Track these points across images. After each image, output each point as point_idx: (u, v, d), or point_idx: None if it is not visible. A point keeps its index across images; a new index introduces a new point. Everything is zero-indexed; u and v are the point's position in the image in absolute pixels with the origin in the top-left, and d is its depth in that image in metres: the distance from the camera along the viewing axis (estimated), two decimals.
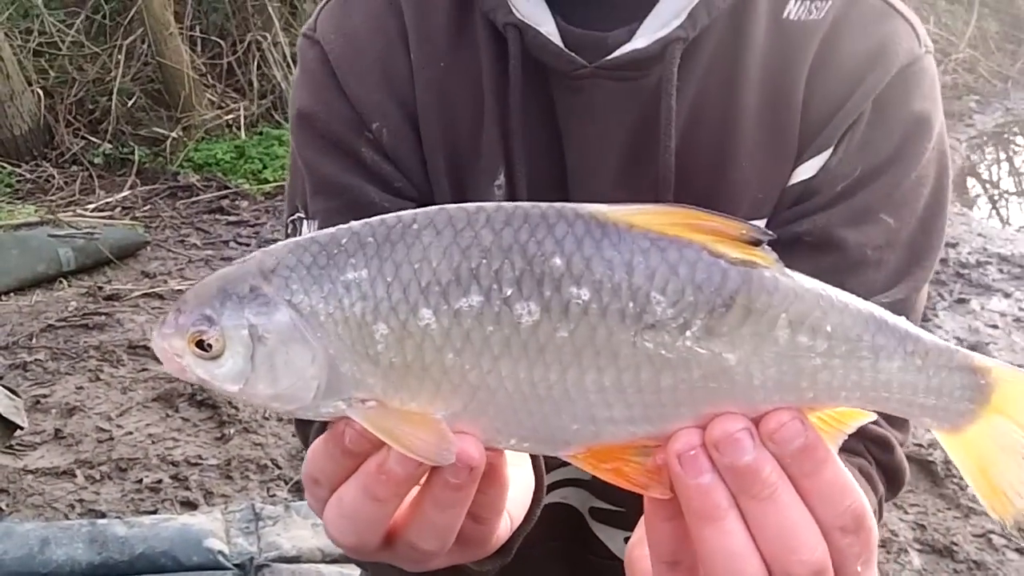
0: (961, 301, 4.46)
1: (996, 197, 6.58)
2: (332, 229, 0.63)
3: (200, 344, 0.63)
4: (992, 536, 2.73)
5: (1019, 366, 0.64)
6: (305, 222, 0.99)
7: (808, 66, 0.94)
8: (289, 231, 1.02)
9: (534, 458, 0.81)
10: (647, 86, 0.92)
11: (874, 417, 0.65)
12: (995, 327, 4.24)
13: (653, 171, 0.92)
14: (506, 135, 0.94)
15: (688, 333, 0.60)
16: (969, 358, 0.63)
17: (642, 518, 0.67)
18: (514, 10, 0.92)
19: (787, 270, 0.62)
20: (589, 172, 0.94)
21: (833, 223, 0.93)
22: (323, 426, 0.67)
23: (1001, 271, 4.81)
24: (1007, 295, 4.56)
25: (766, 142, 0.94)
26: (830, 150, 0.94)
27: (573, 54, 0.91)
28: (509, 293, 0.60)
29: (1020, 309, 4.41)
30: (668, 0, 0.91)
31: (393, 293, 0.61)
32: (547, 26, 0.92)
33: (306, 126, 0.99)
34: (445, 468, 0.62)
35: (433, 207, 0.63)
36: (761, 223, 0.94)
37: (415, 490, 0.65)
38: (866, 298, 0.93)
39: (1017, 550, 2.69)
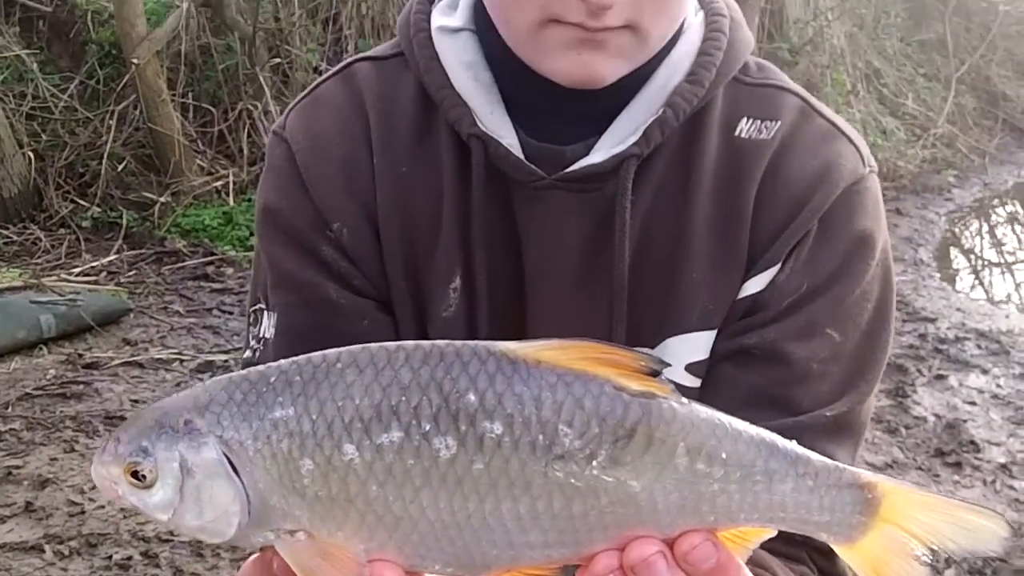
0: (939, 377, 4.49)
1: (975, 272, 6.64)
2: (262, 367, 0.67)
3: (135, 474, 0.67)
4: None
5: (997, 444, 0.70)
6: (265, 313, 1.04)
7: (758, 183, 0.98)
8: (251, 320, 1.06)
9: None
10: (603, 198, 0.96)
11: (775, 533, 0.70)
12: (973, 404, 4.26)
13: (608, 279, 0.97)
14: (465, 240, 0.99)
15: (595, 463, 0.65)
16: (857, 475, 0.69)
17: None
18: (478, 122, 0.96)
19: (683, 399, 0.67)
20: (546, 278, 0.99)
21: (780, 337, 0.97)
22: None
23: (979, 347, 4.84)
24: (985, 371, 4.59)
25: (717, 255, 0.98)
26: (778, 266, 0.98)
27: (533, 166, 0.96)
28: (428, 428, 0.64)
29: (998, 386, 4.43)
30: (624, 118, 0.97)
31: (318, 430, 0.65)
32: (509, 138, 0.97)
33: (270, 221, 1.03)
34: None
35: (356, 346, 0.67)
36: (712, 334, 0.99)
37: None
38: (812, 410, 0.97)
39: None
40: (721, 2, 1.03)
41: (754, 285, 0.98)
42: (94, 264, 5.11)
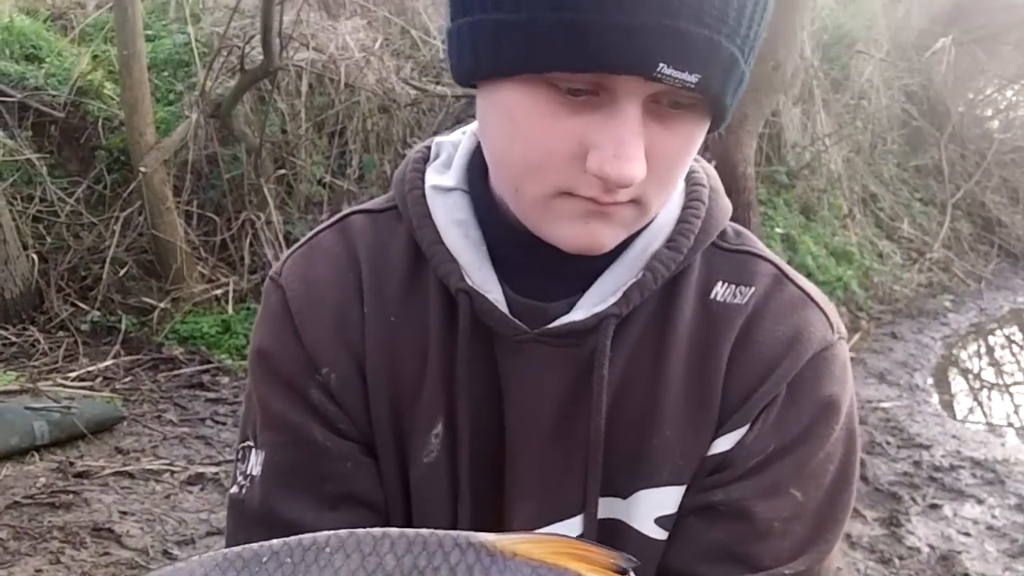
0: (934, 507, 4.46)
1: (971, 398, 6.63)
2: (255, 546, 0.70)
3: None
4: None
5: None
6: (253, 451, 1.07)
7: (730, 346, 1.02)
8: (239, 457, 1.09)
9: None
10: (582, 354, 1.00)
11: None
12: (968, 535, 4.23)
13: (585, 432, 1.00)
14: (449, 389, 1.02)
15: None
16: None
17: None
18: (466, 277, 1.00)
19: None
20: (525, 428, 1.02)
21: (745, 496, 1.00)
22: None
23: (975, 476, 4.83)
24: (980, 501, 4.56)
25: (689, 413, 1.02)
26: (747, 427, 1.01)
27: (517, 320, 0.99)
28: None
29: (993, 517, 4.40)
30: (606, 279, 1.00)
31: None
32: (495, 294, 1.00)
33: (262, 363, 1.06)
34: None
35: (344, 531, 0.70)
36: (681, 489, 1.02)
37: None
38: (772, 567, 0.99)
39: None
40: (701, 172, 1.07)
41: (723, 444, 1.02)
42: (91, 369, 5.12)
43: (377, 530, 0.70)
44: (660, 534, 1.02)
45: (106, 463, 4.09)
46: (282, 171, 6.49)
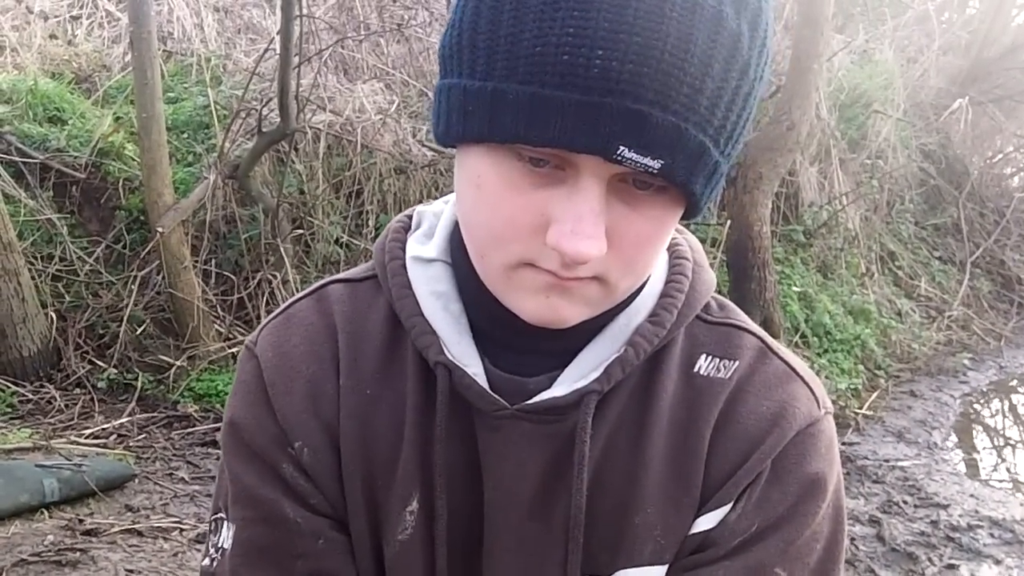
0: (951, 567, 4.40)
1: (990, 457, 6.54)
2: None
3: None
4: None
5: None
6: (225, 523, 1.05)
7: (714, 421, 1.00)
8: (211, 528, 1.08)
9: None
10: (563, 430, 0.98)
11: None
12: None
13: (565, 508, 0.98)
14: (425, 464, 1.00)
15: None
16: None
17: None
18: (445, 350, 0.99)
19: None
20: (504, 504, 1.00)
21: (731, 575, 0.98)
22: None
23: (992, 535, 4.76)
24: (998, 562, 4.49)
25: (671, 491, 1.00)
26: (730, 505, 0.99)
27: (496, 396, 0.98)
28: None
29: None
30: (587, 354, 0.99)
31: None
32: (474, 368, 0.99)
33: (235, 435, 1.04)
34: None
35: None
36: (663, 569, 1.00)
37: None
38: None
39: None
40: (685, 245, 1.06)
41: (705, 522, 0.99)
42: (105, 426, 5.13)
43: None
44: None
45: (115, 520, 4.09)
46: (299, 231, 6.54)
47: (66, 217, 6.25)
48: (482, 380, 0.99)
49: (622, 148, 0.77)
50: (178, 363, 5.80)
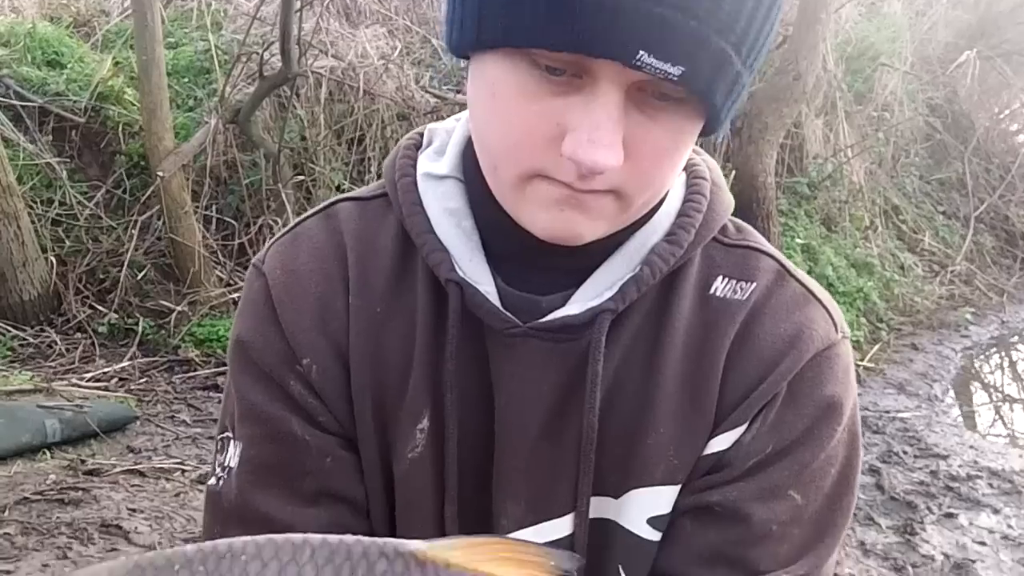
0: (949, 515, 4.42)
1: (989, 409, 6.57)
2: (169, 552, 0.66)
3: None
4: None
5: None
6: (232, 442, 1.03)
7: (729, 342, 0.98)
8: (218, 447, 1.06)
9: None
10: (576, 349, 0.96)
11: None
12: (983, 544, 4.18)
13: (577, 429, 0.96)
14: (436, 382, 0.98)
15: None
16: None
17: None
18: (457, 267, 0.97)
19: None
20: (516, 425, 0.98)
21: (742, 497, 0.97)
22: None
23: (991, 486, 4.77)
24: (996, 511, 4.51)
25: (685, 411, 0.98)
26: (744, 426, 0.98)
27: (508, 314, 0.96)
28: None
29: (1009, 527, 4.35)
30: (602, 273, 0.97)
31: None
32: (486, 285, 0.97)
33: (242, 353, 1.03)
34: None
35: (263, 537, 0.66)
36: (675, 489, 0.99)
37: None
38: (769, 572, 0.95)
39: None
40: (703, 165, 1.04)
41: (720, 443, 0.98)
42: (106, 370, 5.13)
43: (298, 536, 0.66)
44: (653, 535, 0.99)
45: (117, 461, 4.10)
46: (301, 177, 6.50)
47: (65, 162, 6.22)
48: (494, 298, 0.97)
49: (642, 53, 0.74)
50: (179, 308, 5.79)
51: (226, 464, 1.03)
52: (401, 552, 0.64)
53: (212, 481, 1.04)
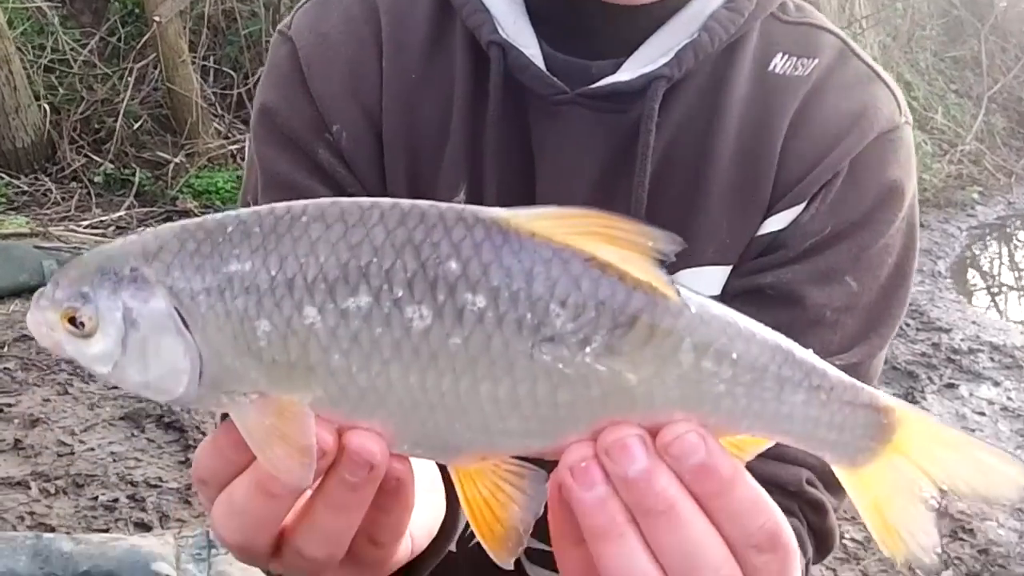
0: (950, 386, 4.45)
1: (992, 287, 6.58)
2: (220, 215, 0.60)
3: (73, 321, 0.60)
4: None
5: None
6: None
7: (788, 120, 0.93)
8: None
9: (449, 489, 0.77)
10: (626, 120, 0.90)
11: (772, 443, 0.62)
12: (982, 414, 4.22)
13: (624, 206, 0.90)
14: (474, 152, 0.92)
15: (588, 349, 0.57)
16: (874, 397, 0.61)
17: None
18: (499, 28, 0.90)
19: (692, 293, 0.59)
20: (558, 199, 0.92)
21: (797, 279, 0.92)
22: None
23: (992, 359, 4.79)
24: (996, 383, 4.55)
25: (738, 189, 0.93)
26: (803, 205, 0.93)
27: (555, 79, 0.90)
28: (400, 295, 0.57)
29: (1008, 399, 4.39)
30: (656, 38, 0.91)
31: (277, 288, 0.57)
32: (531, 49, 0.91)
33: (267, 121, 0.97)
34: (342, 464, 0.58)
35: (326, 199, 0.60)
36: (727, 269, 0.94)
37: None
38: (821, 358, 0.90)
39: None
40: None
41: (775, 223, 0.94)
42: (103, 219, 5.07)
43: (365, 199, 0.60)
44: None
45: None
46: None
47: (57, 7, 6.05)
48: (539, 62, 0.90)
49: None
50: (176, 160, 5.71)
51: None
52: (481, 218, 0.58)
53: None
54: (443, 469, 0.77)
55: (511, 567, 0.61)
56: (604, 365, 0.57)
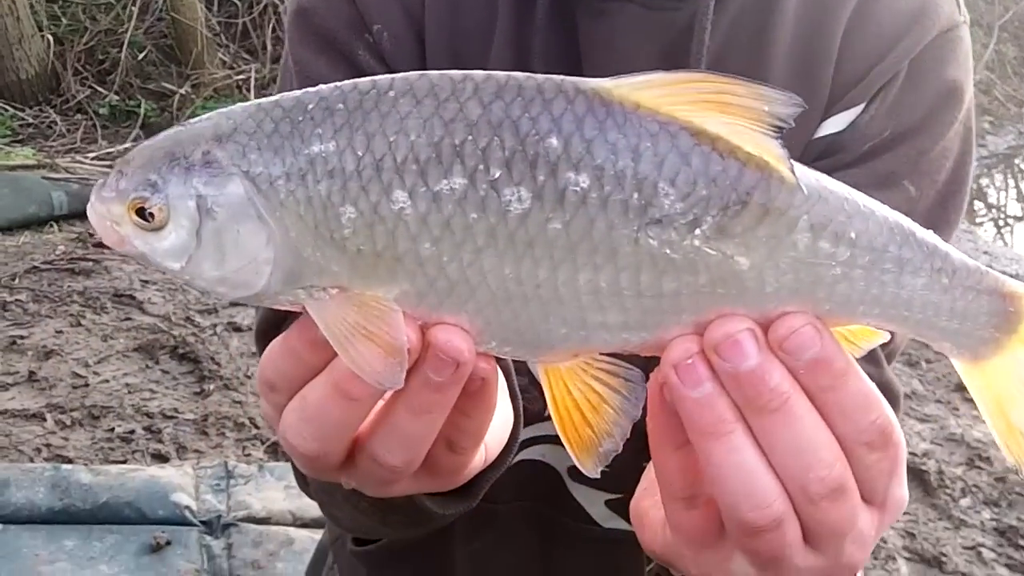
0: None
1: (1004, 217, 6.53)
2: (298, 92, 0.56)
3: (141, 212, 0.55)
4: (982, 550, 2.66)
5: None
6: None
7: (847, 18, 0.91)
8: None
9: (513, 396, 0.74)
10: (678, 20, 0.87)
11: (887, 337, 0.59)
12: None
13: None
14: (521, 54, 0.89)
15: (698, 231, 0.53)
16: (1000, 282, 0.57)
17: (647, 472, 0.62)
18: None
19: (806, 168, 0.55)
20: None
21: (856, 184, 0.87)
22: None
23: None
24: None
25: (796, 91, 0.88)
26: (861, 106, 0.91)
27: None
28: (497, 176, 0.52)
29: None
30: None
31: (364, 170, 0.53)
32: None
33: (303, 22, 0.93)
34: (426, 363, 0.54)
35: (414, 72, 0.55)
36: None
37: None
38: None
39: (1007, 565, 2.62)
40: None
41: (833, 125, 0.92)
42: (110, 151, 5.00)
43: (457, 72, 0.55)
44: None
45: None
46: None
47: None
48: None
49: None
50: (182, 91, 5.63)
51: None
52: (582, 90, 0.54)
53: None
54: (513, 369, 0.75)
55: (597, 475, 0.58)
56: (714, 249, 0.53)
